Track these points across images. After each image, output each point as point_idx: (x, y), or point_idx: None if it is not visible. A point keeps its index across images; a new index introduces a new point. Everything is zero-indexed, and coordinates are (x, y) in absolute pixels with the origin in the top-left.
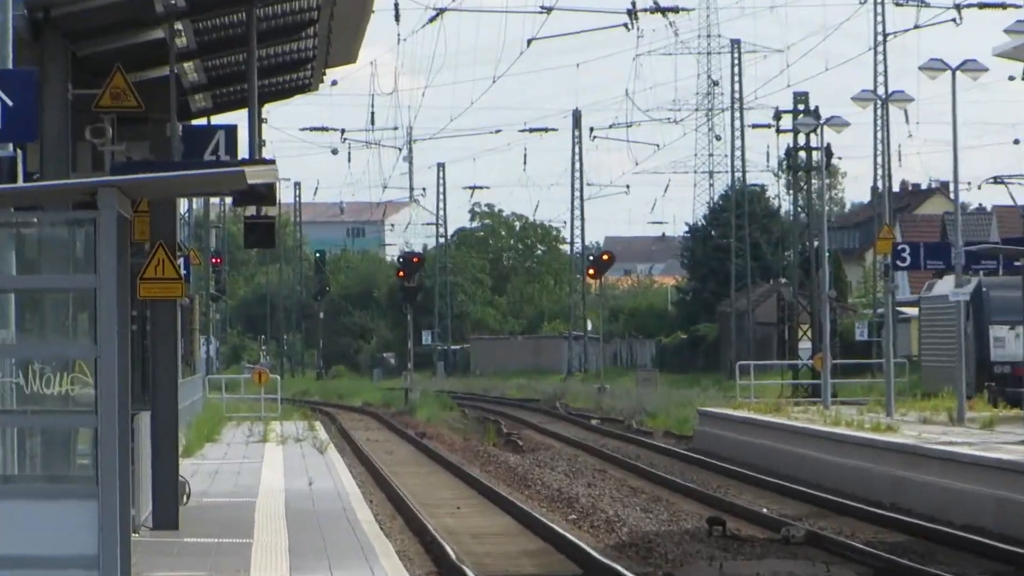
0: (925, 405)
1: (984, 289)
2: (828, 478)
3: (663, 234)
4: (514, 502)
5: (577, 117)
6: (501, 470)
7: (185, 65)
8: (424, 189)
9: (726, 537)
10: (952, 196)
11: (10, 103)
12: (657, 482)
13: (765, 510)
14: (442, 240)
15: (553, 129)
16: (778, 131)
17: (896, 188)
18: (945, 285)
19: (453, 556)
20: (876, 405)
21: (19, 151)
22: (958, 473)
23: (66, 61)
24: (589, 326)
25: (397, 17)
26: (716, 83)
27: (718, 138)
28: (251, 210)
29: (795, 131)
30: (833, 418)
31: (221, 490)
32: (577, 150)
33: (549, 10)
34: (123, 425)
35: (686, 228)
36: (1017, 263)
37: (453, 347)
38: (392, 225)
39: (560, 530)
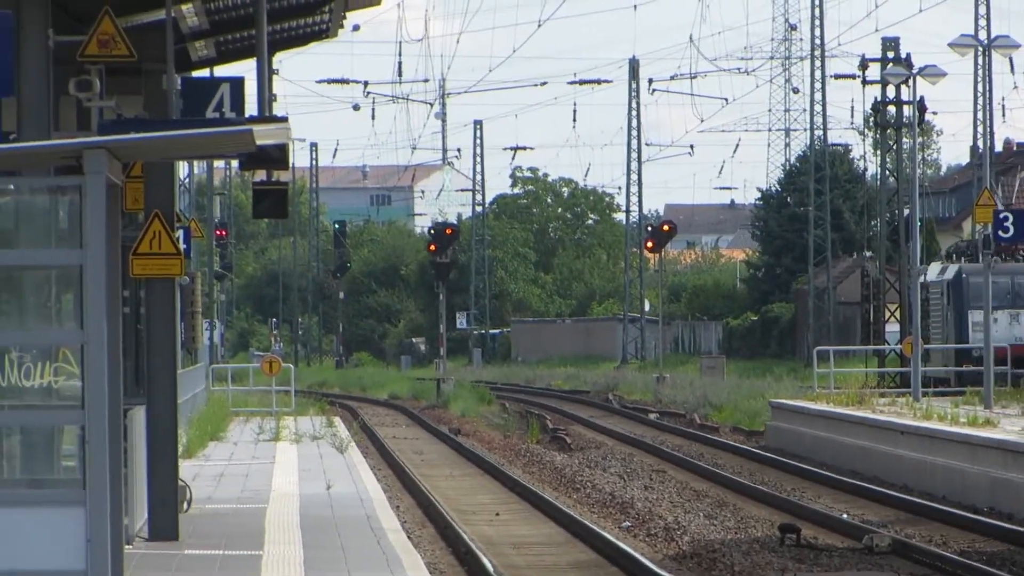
0: None
1: (964, 275)
2: (918, 479)
3: (732, 201)
4: (560, 507)
5: (634, 67)
6: (546, 471)
7: (184, 7)
8: (459, 150)
9: (800, 546)
10: None
11: None
12: (723, 484)
13: (845, 516)
14: (479, 209)
15: (607, 81)
16: (864, 82)
17: (999, 148)
18: (933, 271)
19: (491, 569)
20: (973, 397)
21: None
22: None
23: (46, 3)
24: (647, 307)
25: None
26: (794, 27)
27: (796, 91)
28: (261, 175)
29: (883, 82)
30: (924, 411)
31: (227, 495)
32: (634, 105)
33: None
34: (114, 422)
35: (758, 194)
36: None
37: (492, 331)
38: (422, 192)
39: (612, 539)
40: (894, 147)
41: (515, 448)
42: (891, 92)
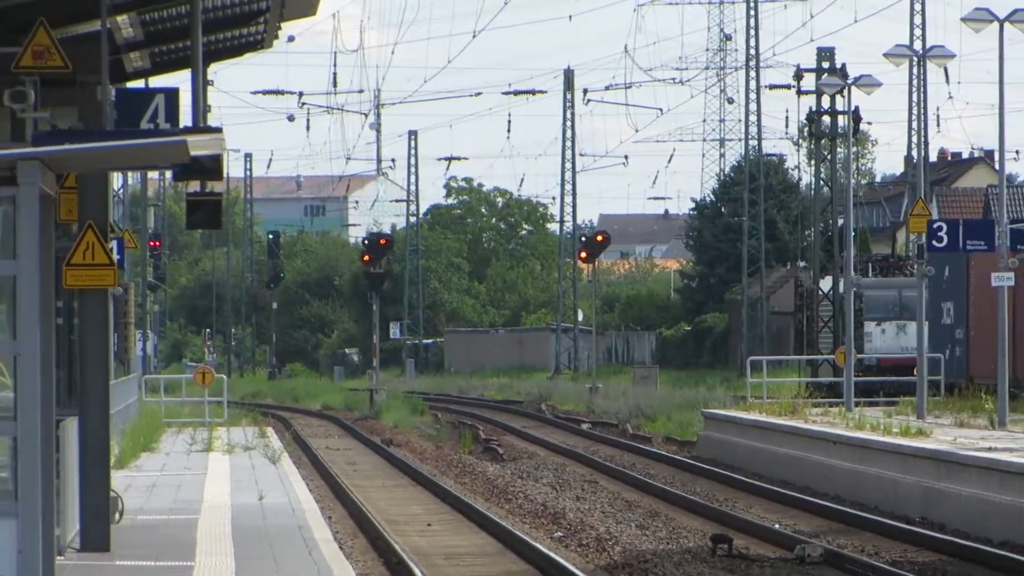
0: (963, 406)
1: (859, 289)
2: (850, 489)
3: (666, 211)
4: (493, 518)
5: (569, 77)
6: (478, 482)
7: (119, 18)
8: (393, 161)
9: (732, 557)
10: (997, 167)
11: None
12: (655, 494)
13: (777, 526)
14: (413, 219)
15: (541, 91)
16: (799, 92)
17: (933, 158)
18: (826, 285)
19: None
20: (906, 407)
21: None
22: (999, 483)
23: None
24: (580, 317)
25: None
26: (729, 37)
27: (730, 101)
28: (195, 186)
29: (818, 92)
30: (857, 421)
31: (159, 506)
32: (569, 115)
33: None
34: (46, 433)
35: (692, 205)
36: None
37: (425, 342)
38: (356, 202)
39: (544, 550)
40: (829, 157)
41: (447, 459)
42: (826, 102)
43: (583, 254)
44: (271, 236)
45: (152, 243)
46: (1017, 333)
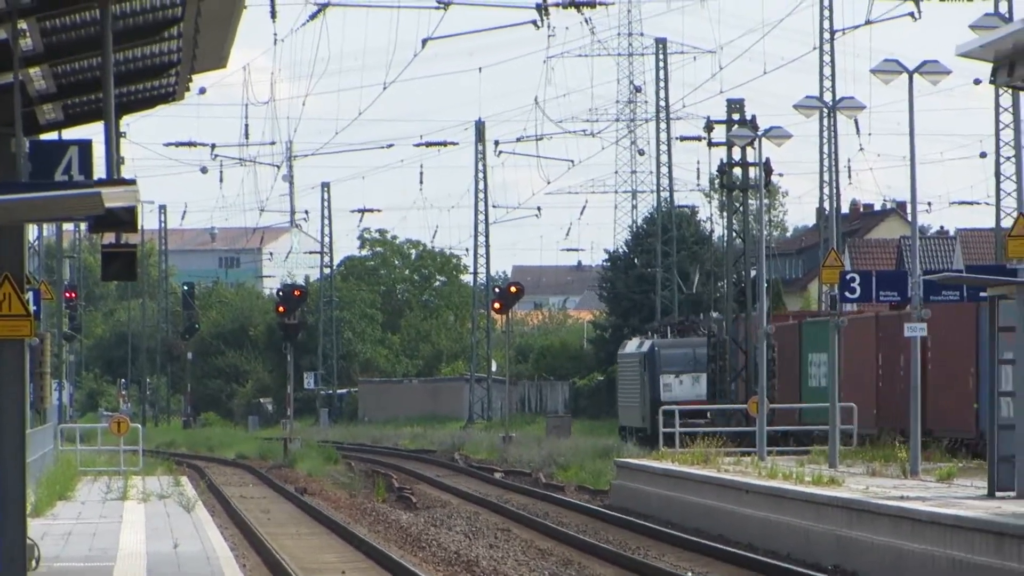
0: (874, 455)
1: (656, 348)
2: (763, 537)
3: (579, 263)
4: (406, 566)
5: (480, 129)
6: (392, 530)
7: (31, 71)
8: (307, 213)
9: None
10: (909, 218)
11: None
12: (568, 543)
13: (690, 574)
14: (327, 271)
15: (453, 143)
16: (710, 144)
17: (845, 209)
18: (632, 345)
19: None
20: (819, 456)
21: None
22: (911, 531)
23: None
24: (494, 367)
25: (273, 14)
26: (639, 89)
27: (641, 152)
28: (109, 237)
29: (729, 144)
30: (769, 470)
31: (75, 554)
32: (480, 167)
33: (447, 5)
34: None
35: (605, 256)
36: (983, 293)
37: (339, 391)
38: (271, 254)
39: None
40: (741, 208)
41: (361, 507)
42: (737, 154)
43: (497, 305)
44: (186, 287)
45: (68, 294)
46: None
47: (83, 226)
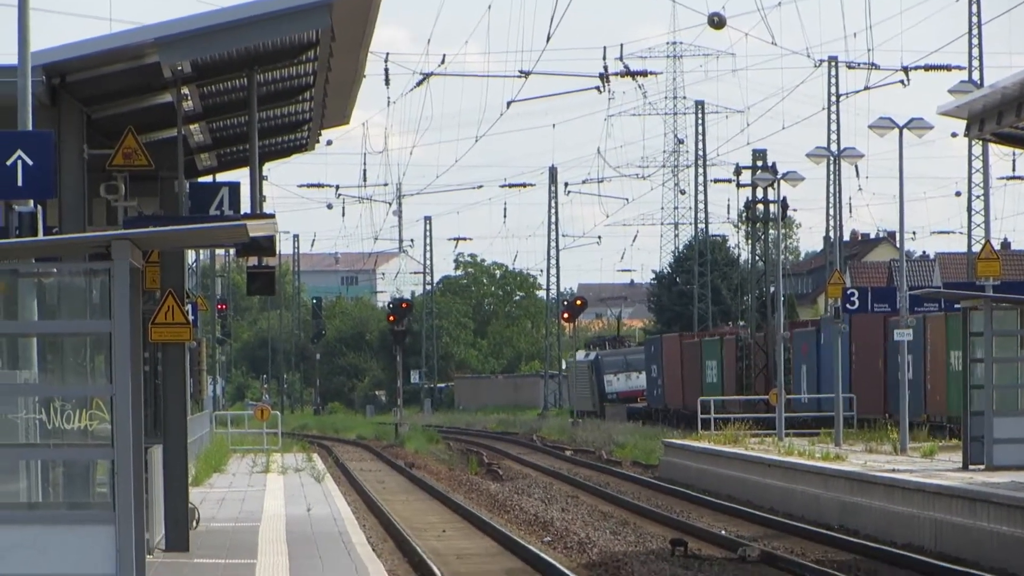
0: (871, 436)
1: (599, 357)
2: (782, 503)
3: (632, 281)
4: (495, 526)
5: (553, 173)
6: (483, 497)
7: (191, 127)
8: (412, 240)
9: (688, 557)
10: (898, 245)
11: (30, 163)
12: (625, 507)
13: (723, 532)
14: (429, 287)
15: (531, 184)
16: (738, 185)
17: (846, 237)
18: (580, 355)
19: (439, 575)
20: (826, 437)
21: (39, 207)
22: (901, 497)
23: (81, 123)
24: (563, 365)
25: (387, 81)
26: (681, 141)
27: (683, 192)
28: (253, 260)
29: (753, 185)
30: (786, 448)
31: (227, 515)
32: (553, 204)
33: (527, 74)
34: (137, 457)
35: (653, 275)
36: (957, 305)
37: (439, 385)
38: (383, 274)
39: (536, 551)
40: (762, 237)
41: (458, 478)
42: (760, 193)
43: (565, 315)
44: (315, 301)
45: (219, 306)
46: (685, 377)
47: (232, 251)
